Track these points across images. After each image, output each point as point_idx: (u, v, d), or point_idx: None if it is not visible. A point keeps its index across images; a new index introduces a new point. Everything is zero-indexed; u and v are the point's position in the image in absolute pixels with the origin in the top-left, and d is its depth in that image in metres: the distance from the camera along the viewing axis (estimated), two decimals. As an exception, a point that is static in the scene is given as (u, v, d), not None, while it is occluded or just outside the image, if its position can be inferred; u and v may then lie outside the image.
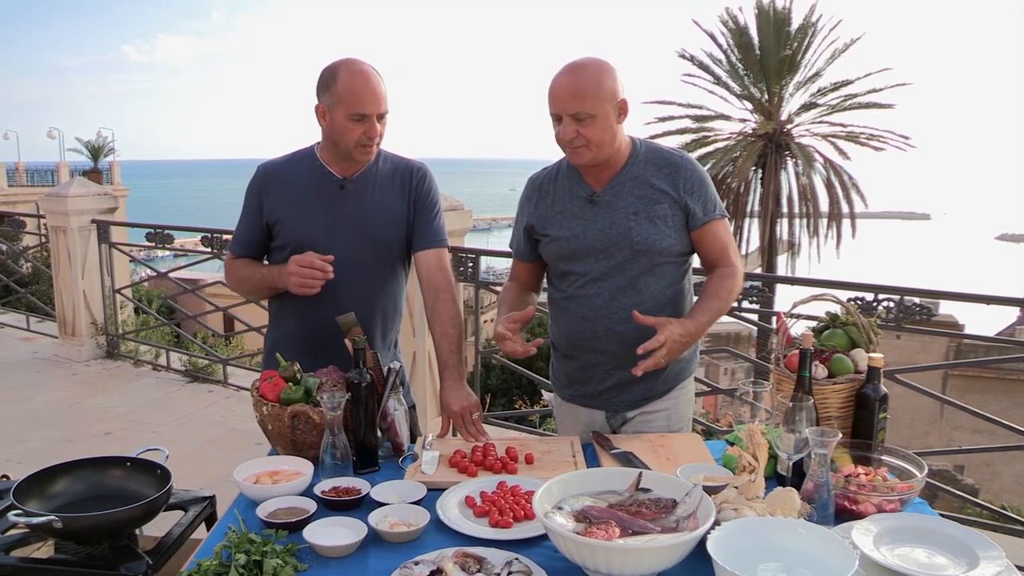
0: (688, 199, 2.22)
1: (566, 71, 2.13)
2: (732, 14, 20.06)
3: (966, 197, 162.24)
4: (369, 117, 2.21)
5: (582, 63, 2.14)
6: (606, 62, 2.15)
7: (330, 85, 2.22)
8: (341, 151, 2.29)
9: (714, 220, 2.25)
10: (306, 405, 1.97)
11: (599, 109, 2.09)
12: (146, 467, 2.10)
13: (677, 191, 2.22)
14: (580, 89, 2.09)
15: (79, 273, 6.40)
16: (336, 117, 2.22)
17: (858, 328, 2.11)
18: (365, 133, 2.23)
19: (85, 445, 4.70)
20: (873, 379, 1.96)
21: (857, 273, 4.86)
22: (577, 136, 2.11)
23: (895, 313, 3.26)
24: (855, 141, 19.82)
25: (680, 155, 2.29)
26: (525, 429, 4.99)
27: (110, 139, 32.17)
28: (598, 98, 2.09)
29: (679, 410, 2.40)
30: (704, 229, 2.25)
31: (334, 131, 2.25)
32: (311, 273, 2.18)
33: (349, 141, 2.24)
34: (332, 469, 1.91)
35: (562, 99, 2.11)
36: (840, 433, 1.68)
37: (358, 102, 2.20)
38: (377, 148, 2.32)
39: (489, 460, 1.98)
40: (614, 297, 2.24)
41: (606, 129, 2.13)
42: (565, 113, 2.11)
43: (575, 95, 2.09)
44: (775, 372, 2.11)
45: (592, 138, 2.12)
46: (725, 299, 2.24)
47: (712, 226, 2.25)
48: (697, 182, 2.24)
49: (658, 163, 2.25)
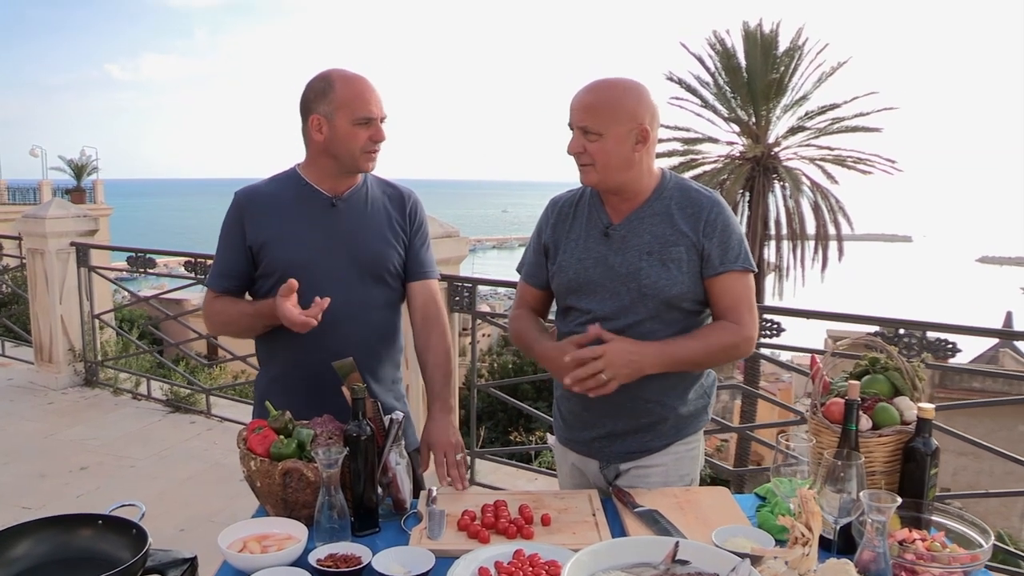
0: (707, 243, 2.02)
1: (590, 84, 2.03)
2: (720, 37, 20.09)
3: (947, 219, 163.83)
4: (375, 120, 2.10)
5: (610, 79, 2.02)
6: (638, 85, 2.01)
7: (326, 93, 2.08)
8: (342, 163, 2.14)
9: (732, 271, 2.03)
10: (299, 461, 1.78)
11: (609, 129, 1.96)
12: (120, 526, 1.89)
13: (697, 233, 2.03)
14: (594, 104, 1.98)
15: (56, 297, 6.17)
16: (338, 124, 2.09)
17: (901, 373, 1.95)
18: (371, 138, 2.11)
19: (59, 481, 4.47)
20: (923, 431, 1.79)
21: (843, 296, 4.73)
22: (583, 152, 2.00)
23: (917, 349, 3.10)
24: (842, 164, 19.82)
25: (709, 195, 2.09)
26: (522, 467, 4.79)
27: (93, 157, 31.90)
28: (611, 118, 1.96)
29: (679, 468, 2.16)
30: (718, 279, 2.03)
31: (336, 141, 2.10)
32: (301, 316, 1.98)
33: (354, 149, 2.10)
34: (328, 533, 1.72)
35: (576, 110, 2.01)
36: (899, 498, 1.50)
37: (363, 104, 2.09)
38: (378, 155, 2.17)
39: (502, 523, 1.79)
40: None
41: (615, 152, 1.98)
42: (575, 125, 2.01)
43: (587, 108, 1.99)
44: (812, 422, 1.93)
45: (597, 158, 1.99)
46: (710, 348, 2.02)
47: (728, 278, 2.03)
48: (720, 226, 2.03)
49: (683, 202, 2.07)
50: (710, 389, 2.21)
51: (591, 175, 2.03)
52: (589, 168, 2.01)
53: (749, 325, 2.05)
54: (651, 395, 2.06)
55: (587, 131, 1.98)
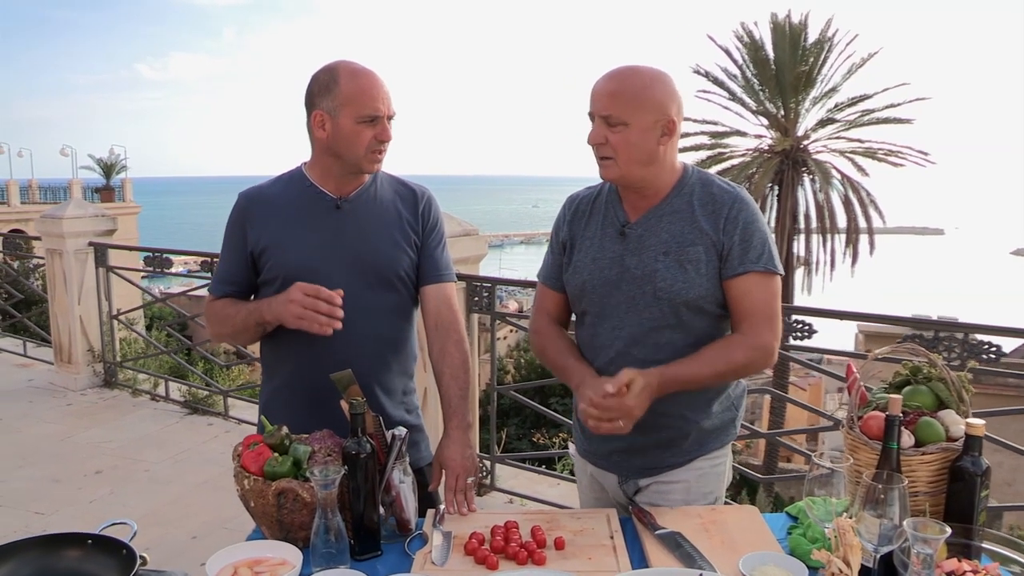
0: (726, 241, 1.87)
1: (613, 71, 1.88)
2: (747, 29, 19.77)
3: (980, 211, 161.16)
4: (381, 118, 1.97)
5: (634, 66, 1.88)
6: (663, 74, 1.88)
7: (331, 88, 1.95)
8: (346, 163, 2.02)
9: (752, 273, 1.86)
10: (294, 481, 1.66)
11: (635, 118, 1.82)
12: (109, 546, 1.78)
13: (717, 231, 1.87)
14: (619, 91, 1.84)
15: (75, 298, 6.12)
16: (342, 122, 1.96)
17: (947, 384, 1.79)
18: (376, 137, 1.98)
19: (73, 486, 4.41)
20: (972, 449, 1.63)
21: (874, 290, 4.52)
22: (605, 143, 1.86)
23: (959, 352, 2.92)
24: (873, 157, 19.43)
25: (731, 190, 1.93)
26: (543, 472, 4.65)
27: (122, 156, 32.27)
28: (637, 106, 1.82)
29: (702, 485, 2.01)
30: (737, 281, 1.87)
31: (339, 139, 1.98)
32: (314, 304, 1.85)
33: (358, 148, 1.98)
34: (325, 557, 1.60)
35: (598, 97, 1.86)
36: (948, 529, 1.36)
37: (369, 102, 1.95)
38: (384, 156, 2.05)
39: (512, 548, 1.66)
40: (629, 349, 1.92)
41: (640, 144, 1.84)
42: (597, 113, 1.86)
43: (612, 95, 1.84)
44: (848, 437, 1.78)
45: (620, 150, 1.85)
46: (717, 370, 1.87)
47: (747, 280, 1.87)
48: (743, 223, 1.87)
49: (705, 198, 1.92)
50: (738, 400, 2.05)
51: (612, 169, 1.89)
52: (610, 162, 1.88)
53: (765, 334, 1.87)
54: (671, 409, 1.91)
55: (610, 120, 1.84)
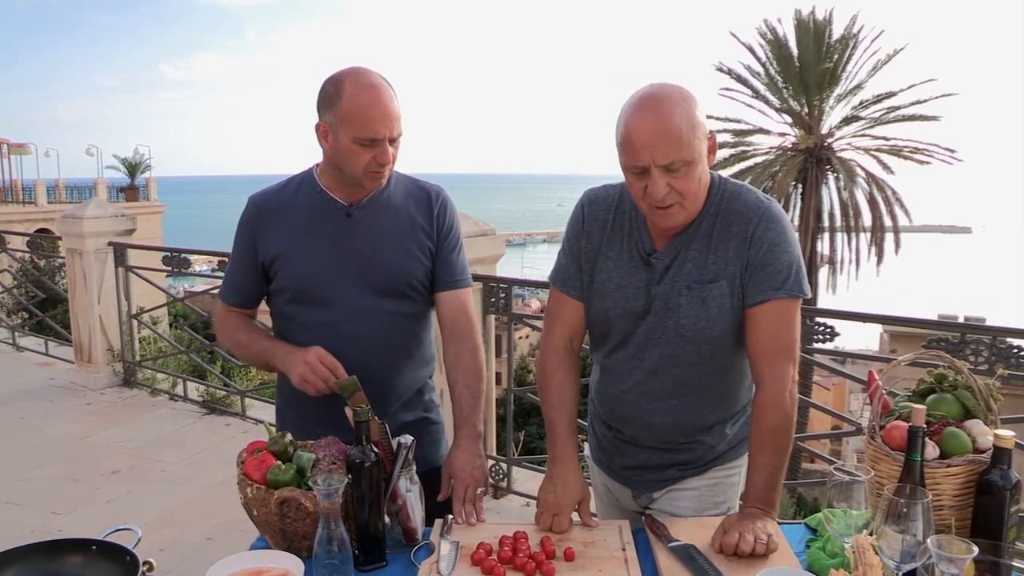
0: (749, 263, 1.73)
1: (647, 106, 1.62)
2: (771, 26, 19.61)
3: (1009, 210, 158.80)
4: (380, 141, 1.86)
5: (664, 94, 1.63)
6: (680, 86, 1.67)
7: (334, 101, 1.86)
8: (347, 177, 1.95)
9: (772, 301, 1.72)
10: (296, 490, 1.62)
11: (695, 153, 1.62)
12: (113, 552, 1.76)
13: (740, 256, 1.73)
14: (668, 130, 1.59)
15: (95, 297, 6.15)
16: (341, 140, 1.87)
17: (974, 392, 1.72)
18: (375, 159, 1.88)
19: (90, 485, 4.42)
20: (1001, 462, 1.56)
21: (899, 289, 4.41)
22: (670, 192, 1.63)
23: (986, 356, 2.84)
24: (898, 155, 19.19)
25: (758, 206, 1.74)
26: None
27: (147, 156, 32.59)
28: (691, 137, 1.60)
29: (715, 494, 1.95)
30: (757, 310, 1.73)
31: (338, 155, 1.91)
32: (324, 374, 1.87)
33: (356, 168, 1.89)
34: (327, 568, 1.55)
35: (651, 144, 1.59)
36: (975, 548, 1.29)
37: (367, 124, 1.84)
38: (390, 172, 1.97)
39: (520, 558, 1.61)
40: (647, 380, 1.84)
41: (704, 178, 1.69)
42: (655, 164, 1.60)
43: (669, 138, 1.59)
44: (870, 447, 1.72)
45: (688, 192, 1.64)
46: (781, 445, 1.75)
47: (768, 309, 1.72)
48: (768, 243, 1.72)
49: (730, 217, 1.74)
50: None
51: (678, 216, 1.69)
52: (676, 209, 1.67)
53: (783, 378, 1.73)
54: (687, 436, 1.89)
55: (672, 167, 1.60)
